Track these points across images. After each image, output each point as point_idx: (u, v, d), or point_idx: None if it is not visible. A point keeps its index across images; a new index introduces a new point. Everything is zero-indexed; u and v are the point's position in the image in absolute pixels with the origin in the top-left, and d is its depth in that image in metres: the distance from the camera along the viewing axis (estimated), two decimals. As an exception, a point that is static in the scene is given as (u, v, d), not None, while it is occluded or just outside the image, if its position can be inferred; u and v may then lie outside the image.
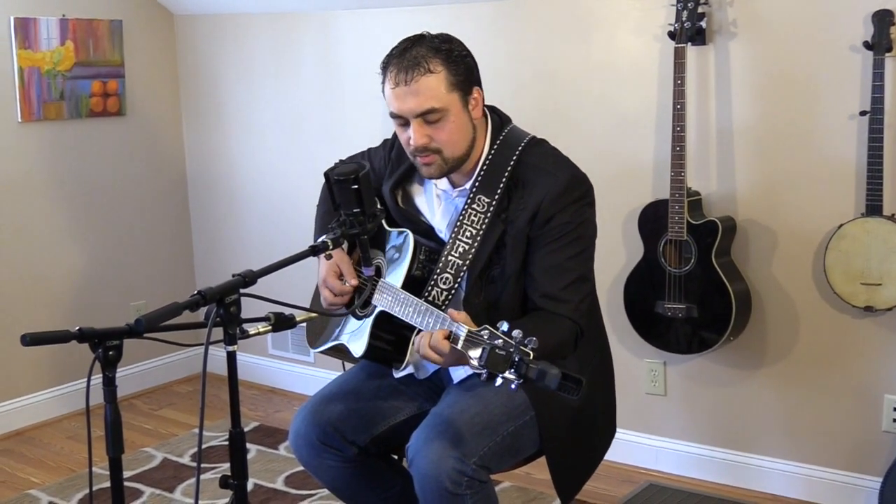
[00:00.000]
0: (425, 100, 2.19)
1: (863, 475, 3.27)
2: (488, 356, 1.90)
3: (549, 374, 1.85)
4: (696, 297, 3.25)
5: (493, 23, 3.76)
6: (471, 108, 2.27)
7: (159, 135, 4.74)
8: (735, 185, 3.35)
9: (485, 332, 1.96)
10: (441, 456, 2.15)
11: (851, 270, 3.05)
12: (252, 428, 4.16)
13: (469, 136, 2.28)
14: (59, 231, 4.38)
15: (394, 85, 2.22)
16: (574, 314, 2.25)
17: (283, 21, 4.35)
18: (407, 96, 2.20)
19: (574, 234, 2.27)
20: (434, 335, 2.07)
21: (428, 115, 2.21)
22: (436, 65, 2.20)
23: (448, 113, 2.21)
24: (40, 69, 4.17)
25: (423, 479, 2.18)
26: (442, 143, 2.24)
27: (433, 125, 2.22)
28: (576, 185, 2.29)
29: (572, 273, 2.26)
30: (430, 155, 2.25)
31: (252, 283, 1.89)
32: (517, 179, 2.29)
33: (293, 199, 4.41)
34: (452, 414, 2.25)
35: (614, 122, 3.55)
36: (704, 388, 3.54)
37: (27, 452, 4.03)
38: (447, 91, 2.21)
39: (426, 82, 2.19)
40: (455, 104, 2.23)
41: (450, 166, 2.28)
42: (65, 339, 1.78)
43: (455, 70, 2.22)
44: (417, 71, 2.18)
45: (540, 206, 2.25)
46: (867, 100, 2.99)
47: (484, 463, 2.21)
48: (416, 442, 2.22)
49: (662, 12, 3.35)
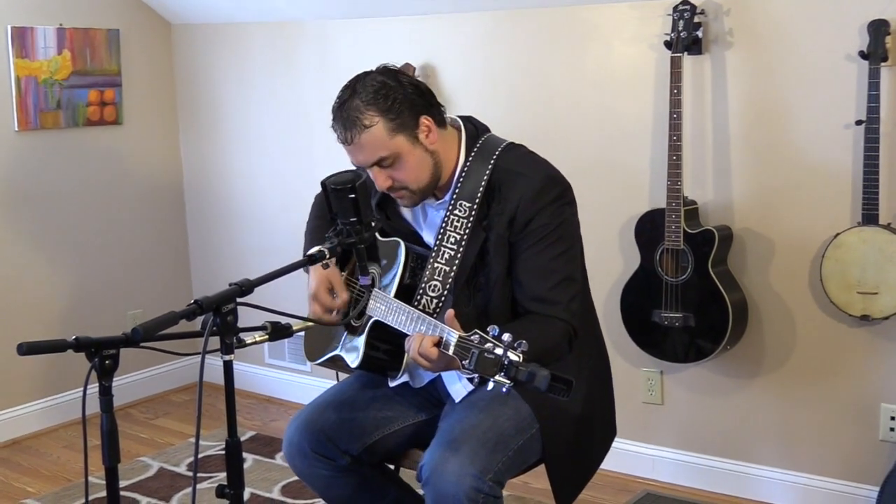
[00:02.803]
0: (371, 152, 2.23)
1: (859, 484, 3.27)
2: (477, 360, 1.91)
3: (539, 376, 1.86)
4: (692, 307, 3.25)
5: (491, 33, 3.77)
6: (423, 139, 2.27)
7: (156, 144, 4.75)
8: (731, 194, 3.35)
9: (475, 336, 1.96)
10: (459, 475, 2.14)
11: (848, 279, 3.05)
12: (248, 437, 4.15)
13: (429, 165, 2.30)
14: (56, 240, 4.37)
15: (341, 142, 2.27)
16: (565, 314, 2.24)
17: (279, 30, 4.36)
18: (354, 152, 2.26)
19: (555, 235, 2.26)
20: (424, 341, 2.07)
21: (381, 163, 2.25)
22: (371, 117, 2.21)
23: (399, 155, 2.24)
24: (37, 78, 4.17)
25: (440, 498, 2.16)
26: (404, 181, 2.28)
27: (390, 168, 2.26)
28: (551, 186, 2.29)
29: (557, 274, 2.26)
30: (398, 191, 2.30)
31: (249, 293, 1.89)
32: (494, 185, 2.30)
33: (289, 208, 4.41)
34: (464, 430, 2.24)
35: (611, 131, 3.56)
36: (701, 397, 3.54)
37: (23, 462, 4.02)
38: (389, 138, 2.23)
39: (366, 138, 2.22)
40: (403, 145, 2.24)
41: (423, 194, 2.32)
42: (61, 349, 1.77)
43: (392, 116, 2.22)
44: (355, 129, 2.21)
45: (517, 209, 2.25)
46: (863, 109, 3.00)
47: (498, 478, 2.20)
48: (430, 461, 2.20)
49: (659, 22, 3.36)
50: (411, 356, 2.11)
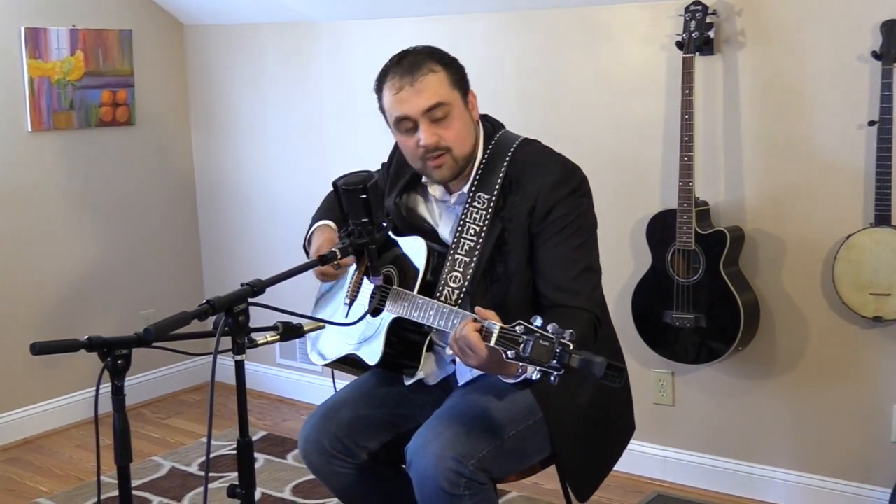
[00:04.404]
0: (431, 95, 2.25)
1: (871, 486, 3.26)
2: (533, 348, 1.88)
3: (595, 363, 1.84)
4: (704, 307, 3.25)
5: (502, 33, 3.77)
6: (470, 109, 2.35)
7: (168, 145, 4.76)
8: (743, 194, 3.35)
9: (519, 326, 1.94)
10: (439, 456, 2.15)
11: (860, 281, 3.04)
12: (260, 437, 4.16)
13: (473, 134, 2.35)
14: (68, 240, 4.39)
15: (397, 90, 2.27)
16: (588, 304, 2.26)
17: (292, 31, 4.37)
18: (412, 96, 2.25)
19: (575, 226, 2.28)
20: (466, 327, 2.01)
21: (435, 111, 2.25)
22: (435, 65, 2.28)
23: (453, 108, 2.28)
24: (50, 79, 4.19)
25: (420, 479, 2.18)
26: (451, 142, 2.28)
27: (440, 123, 2.27)
28: (570, 176, 2.32)
29: (578, 264, 2.28)
30: (440, 156, 2.29)
31: (260, 293, 1.89)
32: (511, 178, 2.32)
33: (302, 208, 4.39)
34: (454, 416, 2.26)
35: (622, 131, 3.55)
36: (712, 398, 3.53)
37: (35, 461, 4.04)
38: (450, 88, 2.29)
39: (430, 80, 2.26)
40: (458, 101, 2.30)
41: (459, 166, 2.32)
42: (74, 349, 1.79)
43: (452, 70, 2.31)
44: (420, 72, 2.26)
45: (537, 199, 2.27)
46: (875, 110, 2.99)
47: (483, 465, 2.19)
48: (414, 444, 2.23)
49: (670, 22, 3.35)
50: (450, 341, 2.07)
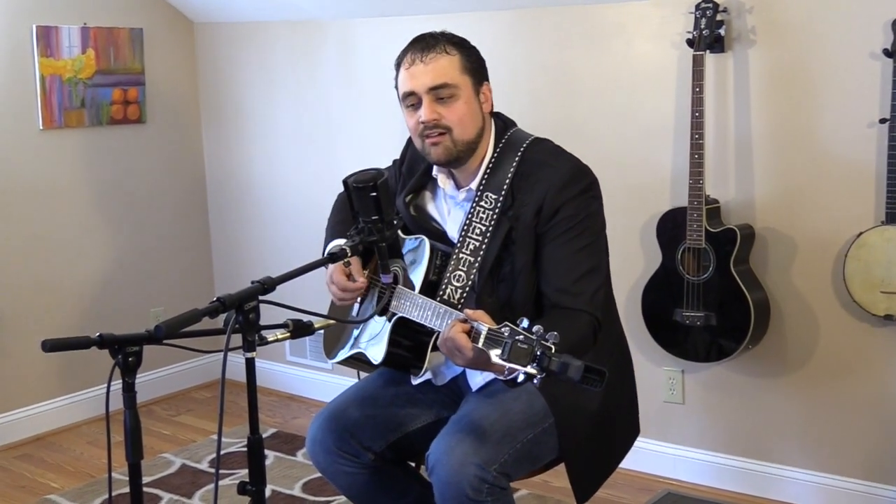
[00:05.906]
0: (438, 75, 2.27)
1: (882, 485, 3.25)
2: (510, 349, 1.90)
3: (572, 366, 1.85)
4: (714, 306, 3.24)
5: (512, 31, 3.77)
6: (481, 100, 2.34)
7: (179, 142, 4.77)
8: (754, 192, 3.34)
9: (505, 328, 1.95)
10: (463, 463, 2.15)
11: (871, 279, 3.04)
12: (270, 434, 4.17)
13: (478, 122, 2.34)
14: (79, 238, 4.40)
15: (409, 65, 2.30)
16: (589, 306, 2.25)
17: (302, 29, 4.37)
18: (421, 73, 2.28)
19: (581, 227, 2.27)
20: (454, 327, 2.05)
21: (440, 91, 2.27)
22: (451, 48, 2.31)
23: (459, 91, 2.28)
24: (62, 77, 4.21)
25: (444, 486, 2.18)
26: (452, 122, 2.28)
27: (444, 103, 2.28)
28: (579, 177, 2.31)
29: (583, 265, 2.27)
30: (440, 134, 2.29)
31: (271, 290, 1.90)
32: (521, 176, 2.32)
33: (312, 205, 4.42)
34: (472, 421, 2.25)
35: (632, 129, 3.55)
36: (723, 396, 3.53)
37: (47, 457, 4.06)
38: (460, 72, 2.30)
39: (441, 61, 2.28)
40: (467, 86, 2.30)
41: (458, 150, 2.31)
42: (85, 346, 1.79)
43: (469, 56, 2.33)
44: (434, 51, 2.29)
45: (545, 198, 2.27)
46: (886, 107, 2.98)
47: (504, 470, 2.21)
48: (436, 450, 2.22)
49: (681, 20, 3.35)
50: (439, 342, 2.11)
